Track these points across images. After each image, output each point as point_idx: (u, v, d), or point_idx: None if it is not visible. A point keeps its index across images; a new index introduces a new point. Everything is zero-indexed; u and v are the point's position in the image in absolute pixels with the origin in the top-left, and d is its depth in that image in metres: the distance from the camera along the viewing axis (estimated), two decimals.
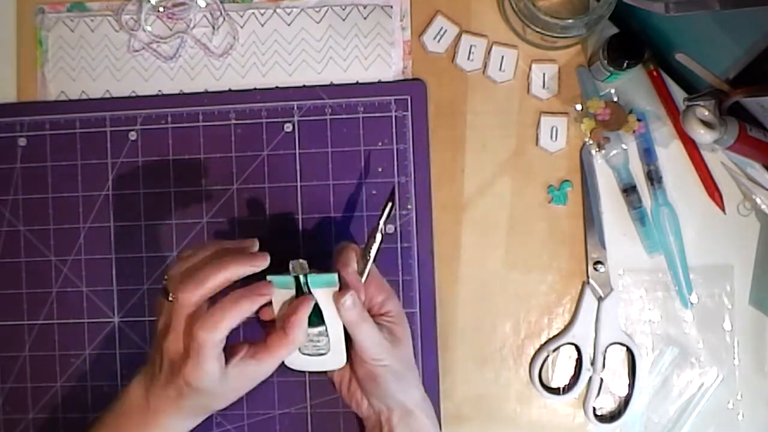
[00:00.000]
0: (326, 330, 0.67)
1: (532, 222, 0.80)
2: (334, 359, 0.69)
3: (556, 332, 0.80)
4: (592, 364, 0.78)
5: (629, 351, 0.78)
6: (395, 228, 0.80)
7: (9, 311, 0.81)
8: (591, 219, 0.79)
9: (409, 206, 0.80)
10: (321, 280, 0.65)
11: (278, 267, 0.66)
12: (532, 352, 0.80)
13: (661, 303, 0.79)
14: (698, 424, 0.78)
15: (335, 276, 0.65)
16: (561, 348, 0.79)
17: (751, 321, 0.78)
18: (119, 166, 0.82)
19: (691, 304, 0.78)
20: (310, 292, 0.65)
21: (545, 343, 0.79)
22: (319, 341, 0.68)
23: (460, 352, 0.80)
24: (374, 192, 0.80)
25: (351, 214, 0.81)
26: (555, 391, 0.79)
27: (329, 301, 0.65)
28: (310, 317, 0.65)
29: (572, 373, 0.80)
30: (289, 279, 0.65)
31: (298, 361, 0.70)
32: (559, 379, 0.80)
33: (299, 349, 0.69)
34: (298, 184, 0.81)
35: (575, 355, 0.79)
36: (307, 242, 0.81)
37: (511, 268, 0.80)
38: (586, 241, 0.79)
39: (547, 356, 0.79)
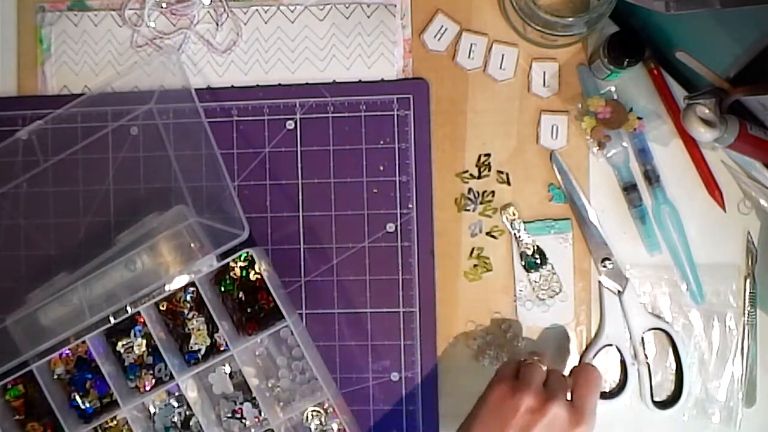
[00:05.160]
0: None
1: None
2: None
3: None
4: (635, 356, 0.78)
5: (665, 333, 0.78)
6: (395, 227, 0.80)
7: (8, 304, 0.81)
8: (583, 221, 0.79)
9: (410, 205, 0.80)
10: None
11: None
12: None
13: (666, 301, 0.79)
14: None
15: None
16: (600, 351, 0.79)
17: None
18: (120, 161, 0.82)
19: (702, 299, 0.78)
20: None
21: (585, 350, 0.79)
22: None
23: (460, 350, 0.80)
24: (375, 191, 0.81)
25: (352, 213, 0.81)
26: (609, 396, 0.79)
27: None
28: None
29: (619, 371, 0.80)
30: None
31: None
32: (609, 382, 0.80)
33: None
34: (300, 181, 0.81)
35: (616, 354, 0.79)
36: (307, 239, 0.81)
37: (511, 267, 0.80)
38: (587, 243, 0.79)
39: None
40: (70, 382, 0.78)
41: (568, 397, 0.69)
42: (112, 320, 0.76)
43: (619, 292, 0.79)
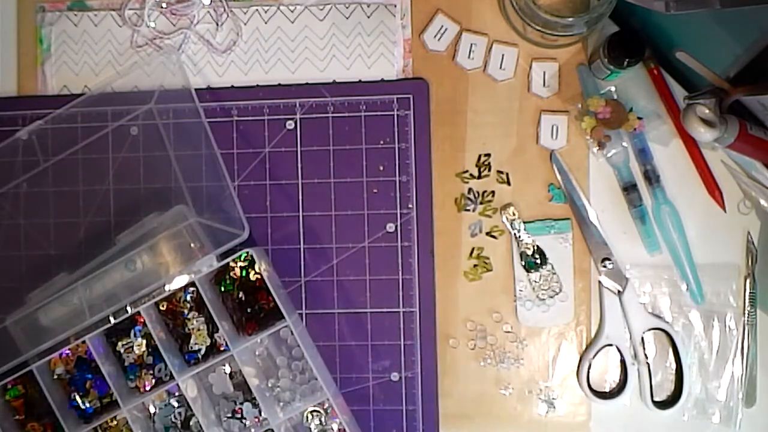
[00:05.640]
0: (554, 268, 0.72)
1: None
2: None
3: (556, 329, 0.80)
4: (635, 357, 0.78)
5: (665, 333, 0.78)
6: (395, 227, 0.80)
7: (8, 304, 0.81)
8: (583, 221, 0.79)
9: (410, 205, 0.80)
10: None
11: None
12: (533, 351, 0.80)
13: (666, 301, 0.79)
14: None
15: None
16: (600, 351, 0.79)
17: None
18: (120, 161, 0.82)
19: (702, 299, 0.78)
20: None
21: (585, 350, 0.79)
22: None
23: (460, 351, 0.80)
24: (375, 191, 0.81)
25: (352, 212, 0.81)
26: (609, 396, 0.79)
27: None
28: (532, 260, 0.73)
29: (619, 371, 0.80)
30: None
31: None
32: (609, 382, 0.80)
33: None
34: (300, 181, 0.81)
35: (616, 354, 0.79)
36: (307, 239, 0.81)
37: (511, 267, 0.80)
38: (587, 243, 0.79)
39: (590, 365, 0.79)
40: (70, 382, 0.78)
41: None
42: (112, 320, 0.76)
43: (619, 292, 0.79)
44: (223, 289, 0.78)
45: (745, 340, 0.78)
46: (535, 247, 0.79)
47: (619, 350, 0.79)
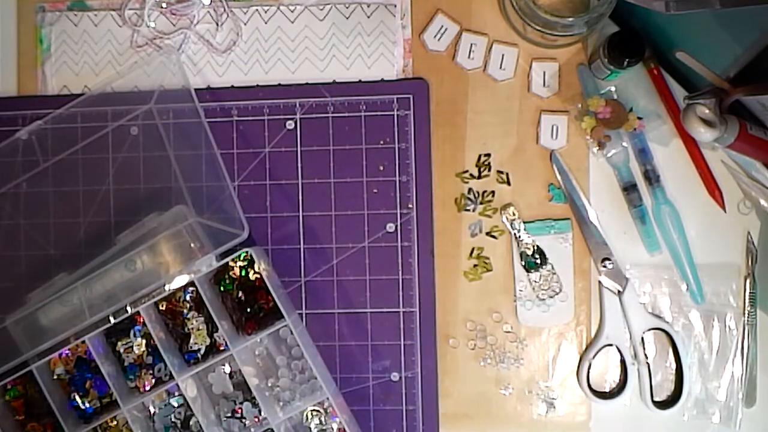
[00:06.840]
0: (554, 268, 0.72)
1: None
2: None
3: (556, 329, 0.80)
4: (635, 356, 0.78)
5: (665, 333, 0.78)
6: (396, 227, 0.80)
7: (8, 304, 0.81)
8: (583, 221, 0.79)
9: (410, 205, 0.80)
10: None
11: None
12: (533, 351, 0.80)
13: (666, 301, 0.79)
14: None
15: None
16: (600, 351, 0.79)
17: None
18: (120, 161, 0.82)
19: (702, 299, 0.78)
20: None
21: (585, 350, 0.79)
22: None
23: (460, 351, 0.80)
24: (375, 191, 0.81)
25: (352, 213, 0.81)
26: (609, 396, 0.79)
27: None
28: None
29: (619, 371, 0.80)
30: None
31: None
32: (609, 382, 0.80)
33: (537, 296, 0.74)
34: (300, 181, 0.81)
35: (616, 354, 0.79)
36: (307, 239, 0.81)
37: (511, 267, 0.80)
38: (587, 243, 0.79)
39: (590, 365, 0.79)
40: (70, 382, 0.78)
41: None
42: (112, 320, 0.76)
43: (619, 292, 0.79)
44: (222, 288, 0.78)
45: (745, 340, 0.78)
46: (535, 247, 0.79)
47: (619, 350, 0.79)
